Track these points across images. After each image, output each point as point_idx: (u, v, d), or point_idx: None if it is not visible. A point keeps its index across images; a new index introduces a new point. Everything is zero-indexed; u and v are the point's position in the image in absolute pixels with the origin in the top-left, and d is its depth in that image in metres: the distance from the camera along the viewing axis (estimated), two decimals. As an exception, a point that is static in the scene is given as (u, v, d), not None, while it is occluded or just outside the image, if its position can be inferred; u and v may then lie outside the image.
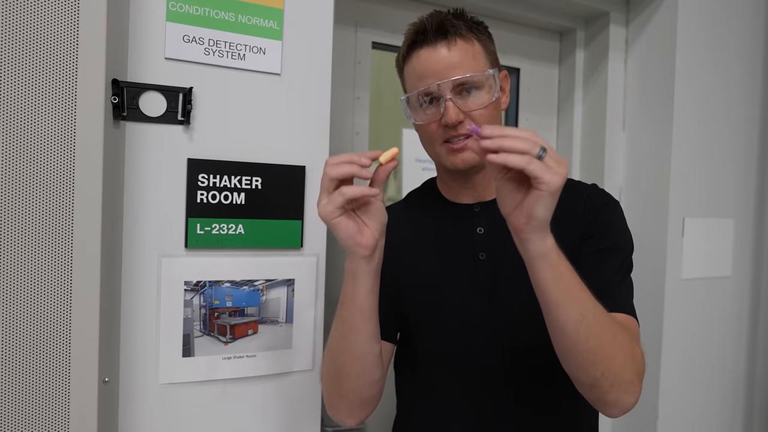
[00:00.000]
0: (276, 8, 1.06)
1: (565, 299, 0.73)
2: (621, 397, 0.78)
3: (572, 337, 0.74)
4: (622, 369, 0.77)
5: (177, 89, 0.98)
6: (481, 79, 0.89)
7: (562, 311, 0.73)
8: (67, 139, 0.85)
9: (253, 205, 1.04)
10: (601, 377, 0.76)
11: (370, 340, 0.85)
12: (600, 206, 0.95)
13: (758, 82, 1.83)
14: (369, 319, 0.83)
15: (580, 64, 1.84)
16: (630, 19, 1.78)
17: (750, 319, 1.87)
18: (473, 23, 0.93)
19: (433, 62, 0.89)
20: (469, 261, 0.95)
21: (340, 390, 0.89)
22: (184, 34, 0.99)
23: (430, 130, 0.92)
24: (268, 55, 1.05)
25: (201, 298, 1.02)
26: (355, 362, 0.86)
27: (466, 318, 0.94)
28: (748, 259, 1.85)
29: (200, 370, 1.02)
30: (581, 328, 0.73)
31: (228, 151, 1.03)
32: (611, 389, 0.77)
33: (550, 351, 0.83)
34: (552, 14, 1.78)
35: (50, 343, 0.86)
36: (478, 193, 0.98)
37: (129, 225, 0.97)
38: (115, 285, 0.95)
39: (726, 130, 1.76)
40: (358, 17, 1.52)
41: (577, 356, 0.75)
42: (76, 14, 0.84)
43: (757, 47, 1.82)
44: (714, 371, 1.79)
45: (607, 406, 0.80)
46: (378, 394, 0.93)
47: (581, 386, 0.81)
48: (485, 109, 0.90)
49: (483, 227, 0.96)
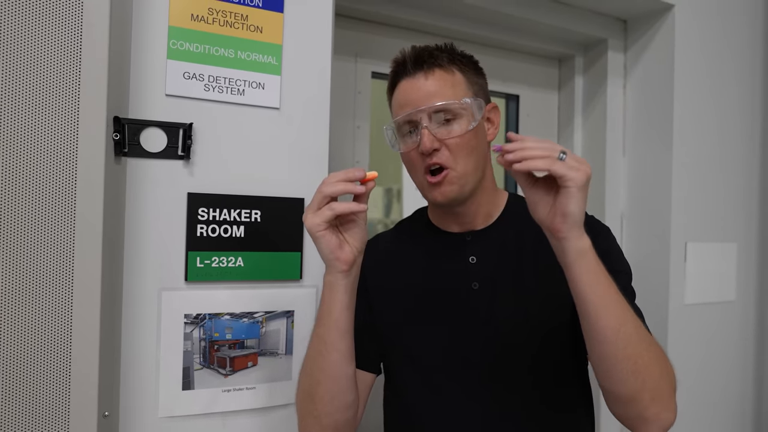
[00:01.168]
0: (275, 44, 1.08)
1: (604, 303, 0.73)
2: (662, 413, 0.77)
3: (612, 344, 0.73)
4: (660, 381, 0.76)
5: (177, 125, 1.00)
6: (458, 107, 0.89)
7: (602, 316, 0.73)
8: (69, 176, 0.86)
9: (253, 237, 1.05)
10: (642, 389, 0.75)
11: (344, 359, 0.86)
12: (594, 235, 0.95)
13: (757, 105, 1.84)
14: (344, 336, 0.84)
15: (579, 90, 1.86)
16: (628, 45, 1.80)
17: (756, 343, 1.85)
18: (458, 55, 0.94)
19: (412, 91, 0.91)
20: (462, 290, 0.95)
21: (314, 411, 0.89)
22: (185, 71, 1.01)
23: (411, 158, 0.93)
24: (267, 90, 1.07)
25: (201, 331, 1.02)
26: (329, 381, 0.86)
27: (460, 348, 0.93)
28: (753, 283, 1.84)
29: (200, 403, 1.02)
30: (620, 334, 0.73)
31: (227, 184, 1.04)
32: (652, 403, 0.76)
33: (547, 380, 0.83)
34: (550, 41, 1.80)
35: (50, 376, 0.86)
36: (467, 223, 0.98)
37: (130, 259, 0.98)
38: (115, 319, 0.96)
39: (726, 153, 1.77)
40: (358, 48, 1.55)
41: (617, 365, 0.74)
42: (78, 54, 0.87)
43: (755, 71, 1.84)
44: (720, 398, 1.77)
45: (647, 422, 0.78)
46: (352, 420, 0.92)
47: (619, 403, 0.79)
48: (461, 138, 0.89)
49: (476, 256, 0.96)
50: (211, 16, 1.03)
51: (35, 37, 0.84)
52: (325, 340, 0.85)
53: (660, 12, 1.68)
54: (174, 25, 1.00)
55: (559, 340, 0.91)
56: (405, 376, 0.97)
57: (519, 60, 1.84)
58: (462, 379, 0.92)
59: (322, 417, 0.88)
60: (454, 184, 0.89)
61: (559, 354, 0.92)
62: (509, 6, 1.57)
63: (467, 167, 0.90)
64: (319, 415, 0.88)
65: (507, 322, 0.92)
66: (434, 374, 0.94)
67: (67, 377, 0.87)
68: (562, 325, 0.91)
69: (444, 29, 1.60)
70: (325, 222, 0.77)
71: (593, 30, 1.74)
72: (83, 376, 0.88)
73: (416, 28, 1.61)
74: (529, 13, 1.62)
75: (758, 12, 1.84)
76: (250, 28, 1.06)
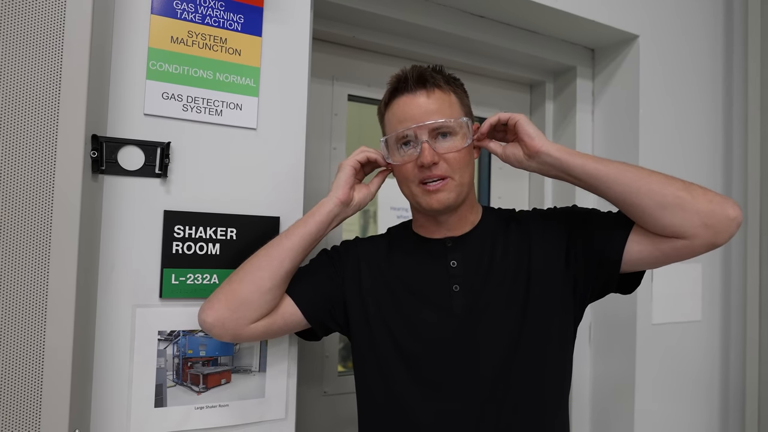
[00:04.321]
0: (253, 66, 1.11)
1: (604, 166, 0.93)
2: (715, 207, 0.88)
3: (632, 183, 0.91)
4: (698, 194, 0.90)
5: (155, 144, 1.01)
6: (456, 126, 0.98)
7: (611, 176, 0.92)
8: (45, 191, 0.87)
9: (228, 255, 1.07)
10: (681, 189, 0.89)
11: (276, 277, 0.96)
12: (549, 217, 1.07)
13: (719, 130, 1.92)
14: (296, 254, 0.98)
15: (549, 115, 1.92)
16: (596, 73, 1.87)
17: (721, 362, 1.90)
18: (450, 78, 1.03)
19: (413, 108, 0.97)
20: (444, 292, 1.00)
21: (224, 286, 0.97)
22: (164, 92, 1.03)
23: (407, 170, 0.99)
24: (245, 111, 1.10)
25: (175, 348, 1.03)
26: (258, 276, 0.96)
27: (439, 345, 0.98)
28: (718, 303, 1.90)
29: (172, 420, 1.02)
30: (632, 173, 0.92)
31: (204, 203, 1.06)
32: (697, 196, 0.89)
33: (523, 378, 0.93)
34: (522, 68, 1.86)
35: (20, 392, 0.86)
36: (449, 230, 1.05)
37: (104, 275, 0.99)
38: (89, 335, 0.96)
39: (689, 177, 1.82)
40: (335, 71, 1.59)
41: (649, 192, 0.90)
42: (58, 73, 0.88)
43: (717, 97, 1.92)
44: (687, 415, 1.81)
45: (706, 216, 0.88)
46: (260, 306, 0.96)
47: (666, 212, 0.89)
48: (458, 153, 0.97)
49: (456, 261, 1.02)
50: (190, 39, 1.06)
51: (16, 54, 0.85)
52: (279, 244, 0.98)
53: (625, 42, 1.75)
54: (154, 46, 1.03)
55: (531, 335, 0.98)
56: (391, 365, 1.01)
57: (492, 85, 1.90)
58: (442, 369, 0.98)
59: (230, 291, 0.96)
60: (452, 192, 0.97)
61: (533, 347, 0.98)
62: (483, 34, 1.63)
63: (464, 178, 0.99)
64: (229, 288, 0.96)
65: (483, 320, 0.98)
66: (417, 363, 0.99)
67: (39, 394, 0.87)
68: (532, 322, 0.98)
69: (421, 55, 1.65)
70: (358, 162, 1.03)
71: (563, 58, 1.81)
72: (55, 393, 0.87)
73: (392, 53, 1.65)
74: (503, 42, 1.67)
75: (719, 39, 1.93)
76: (229, 50, 1.09)
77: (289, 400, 1.13)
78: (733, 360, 1.90)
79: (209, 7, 1.08)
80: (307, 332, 1.07)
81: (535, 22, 1.66)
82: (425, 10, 1.52)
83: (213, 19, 1.08)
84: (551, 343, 1.00)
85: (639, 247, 0.95)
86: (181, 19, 1.05)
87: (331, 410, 1.53)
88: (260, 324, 0.96)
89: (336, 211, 1.01)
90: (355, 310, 1.04)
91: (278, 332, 1.02)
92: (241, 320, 0.94)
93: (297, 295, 1.01)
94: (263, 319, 0.97)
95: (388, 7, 1.46)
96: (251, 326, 0.95)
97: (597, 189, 0.95)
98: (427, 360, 0.98)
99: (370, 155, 1.04)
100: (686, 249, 0.91)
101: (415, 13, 1.50)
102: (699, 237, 0.89)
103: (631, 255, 0.96)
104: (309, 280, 1.04)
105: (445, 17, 1.55)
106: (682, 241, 0.90)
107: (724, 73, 1.94)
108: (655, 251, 0.94)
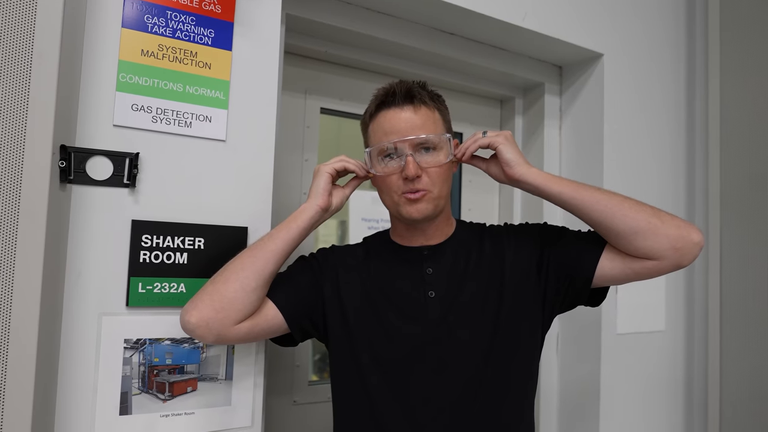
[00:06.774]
0: (223, 80, 1.13)
1: (579, 194, 0.99)
2: (682, 232, 0.95)
3: (607, 209, 0.97)
4: (667, 220, 0.96)
5: (124, 154, 1.03)
6: (439, 141, 1.02)
7: (586, 203, 0.98)
8: (12, 199, 0.88)
9: (196, 264, 1.08)
10: (652, 216, 0.96)
11: (260, 278, 0.98)
12: (522, 233, 1.11)
13: (682, 147, 1.99)
14: (279, 257, 1.01)
15: (519, 130, 1.97)
16: (563, 89, 1.92)
17: (685, 370, 1.95)
18: (434, 95, 1.07)
19: (399, 122, 1.01)
20: (420, 298, 1.04)
21: (208, 286, 0.98)
22: (133, 103, 1.05)
23: (390, 181, 1.03)
24: (214, 123, 1.12)
25: (140, 356, 1.04)
26: (242, 273, 0.98)
27: (413, 349, 1.02)
28: (681, 314, 1.95)
29: (137, 428, 1.03)
30: (606, 200, 0.98)
31: (172, 212, 1.08)
32: (666, 222, 0.96)
33: (493, 383, 0.98)
34: (492, 84, 1.91)
35: (-17, 402, 0.86)
36: (427, 239, 1.09)
37: (71, 284, 0.99)
38: (53, 342, 0.97)
39: (653, 189, 1.89)
40: (308, 85, 1.62)
41: (624, 217, 0.96)
42: (27, 82, 0.89)
43: (680, 113, 1.99)
44: (652, 422, 1.86)
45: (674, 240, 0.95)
46: (244, 306, 0.97)
47: (639, 237, 0.95)
48: (440, 168, 1.02)
49: (432, 268, 1.06)
50: (161, 52, 1.08)
51: (-16, 67, 0.87)
52: (263, 247, 1.00)
53: (591, 60, 1.81)
54: (124, 59, 1.05)
55: (503, 341, 1.02)
56: (367, 370, 1.03)
57: (463, 100, 1.94)
58: (417, 371, 1.01)
59: (215, 294, 0.96)
60: (431, 203, 1.01)
61: (504, 352, 1.02)
62: (454, 51, 1.67)
63: (442, 191, 1.03)
64: (213, 291, 0.97)
65: (457, 324, 1.02)
66: (393, 367, 1.02)
67: (0, 401, 0.87)
68: (504, 329, 1.02)
69: (394, 70, 1.69)
70: (335, 170, 1.06)
71: (532, 75, 1.86)
72: (17, 401, 0.88)
73: (365, 68, 1.69)
74: (473, 58, 1.72)
75: (681, 58, 2.00)
76: (199, 64, 1.11)
77: (256, 408, 1.14)
78: (696, 368, 1.95)
79: (180, 21, 1.10)
80: (284, 338, 1.09)
81: (504, 40, 1.72)
82: (398, 27, 1.56)
83: (184, 33, 1.10)
84: (520, 350, 1.04)
85: (611, 265, 1.01)
86: (152, 33, 1.07)
87: (302, 419, 1.55)
88: (244, 325, 0.98)
89: (316, 218, 1.05)
90: (332, 316, 1.06)
91: (260, 334, 1.03)
92: (226, 320, 0.95)
93: (278, 298, 1.03)
94: (247, 321, 0.98)
95: (360, 23, 1.49)
96: (235, 327, 0.97)
97: (574, 213, 1.01)
98: (401, 363, 1.01)
99: (348, 166, 1.07)
100: (655, 269, 0.98)
101: (387, 29, 1.54)
102: (667, 259, 0.96)
103: (603, 272, 1.02)
104: (289, 285, 1.06)
105: (417, 34, 1.59)
106: (652, 262, 0.97)
107: (686, 91, 2.01)
108: (626, 269, 1.00)
